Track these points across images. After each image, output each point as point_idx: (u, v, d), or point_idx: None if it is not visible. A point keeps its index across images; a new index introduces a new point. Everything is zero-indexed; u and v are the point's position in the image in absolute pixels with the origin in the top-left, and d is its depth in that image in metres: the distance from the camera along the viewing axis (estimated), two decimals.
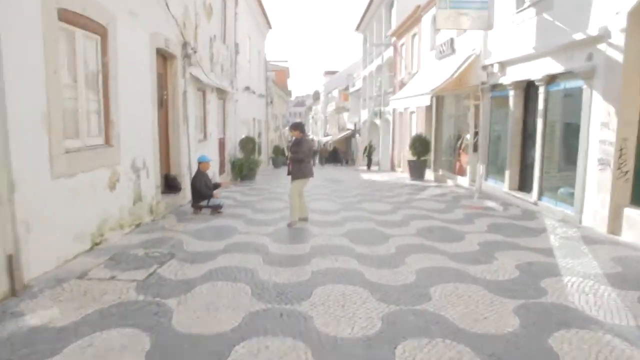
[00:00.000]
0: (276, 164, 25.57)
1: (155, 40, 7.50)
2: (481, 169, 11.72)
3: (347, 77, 48.68)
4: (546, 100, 8.81)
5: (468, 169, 13.47)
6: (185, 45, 9.09)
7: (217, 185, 9.00)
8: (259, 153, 20.63)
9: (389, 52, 23.94)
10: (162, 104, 8.55)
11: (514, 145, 10.26)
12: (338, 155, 40.30)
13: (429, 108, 16.57)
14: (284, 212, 8.71)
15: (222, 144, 13.89)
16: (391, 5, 23.99)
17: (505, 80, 10.37)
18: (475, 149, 12.95)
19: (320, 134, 60.07)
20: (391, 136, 23.89)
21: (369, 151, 26.64)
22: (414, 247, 6.23)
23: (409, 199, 11.20)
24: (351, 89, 41.88)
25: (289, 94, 48.06)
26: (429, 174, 16.48)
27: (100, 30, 5.72)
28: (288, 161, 7.82)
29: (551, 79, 8.61)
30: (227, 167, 14.67)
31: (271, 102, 28.06)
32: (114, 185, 6.10)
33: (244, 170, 14.95)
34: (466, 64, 12.10)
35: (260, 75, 24.05)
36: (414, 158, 16.46)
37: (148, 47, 7.27)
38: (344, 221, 8.08)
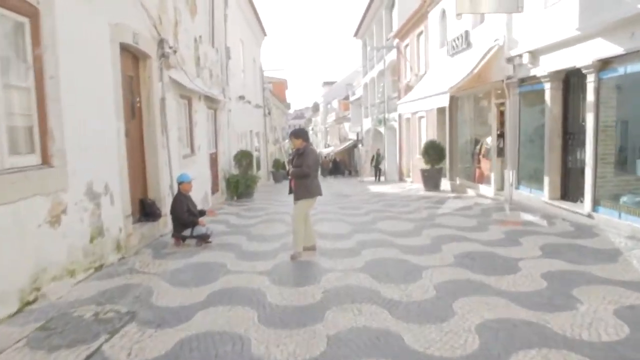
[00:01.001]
0: (277, 178, 24.01)
1: (118, 33, 6.01)
2: (511, 175, 10.17)
3: (346, 87, 47.46)
4: (597, 90, 7.29)
5: (492, 176, 11.91)
6: (161, 42, 7.60)
7: (202, 213, 7.34)
8: (258, 168, 19.12)
9: (392, 55, 22.50)
10: (134, 113, 7.06)
11: (552, 147, 8.72)
12: (340, 166, 38.94)
13: (441, 111, 15.07)
14: (285, 238, 7.17)
15: (214, 159, 12.36)
16: (392, 6, 22.63)
17: (539, 71, 8.86)
18: (500, 153, 11.44)
19: (321, 146, 58.69)
20: (398, 144, 22.36)
21: (377, 160, 24.97)
22: (458, 286, 4.69)
23: (430, 214, 9.64)
24: (351, 98, 40.46)
25: (287, 106, 46.70)
26: (444, 184, 14.91)
27: (27, 11, 4.23)
28: (289, 177, 6.26)
29: (603, 65, 7.11)
30: (222, 185, 13.13)
31: (269, 113, 26.58)
32: (57, 220, 4.56)
33: (240, 187, 13.38)
34: (488, 57, 10.62)
35: (257, 84, 22.60)
36: (428, 167, 14.90)
37: (107, 41, 5.76)
38: (360, 248, 6.54)
